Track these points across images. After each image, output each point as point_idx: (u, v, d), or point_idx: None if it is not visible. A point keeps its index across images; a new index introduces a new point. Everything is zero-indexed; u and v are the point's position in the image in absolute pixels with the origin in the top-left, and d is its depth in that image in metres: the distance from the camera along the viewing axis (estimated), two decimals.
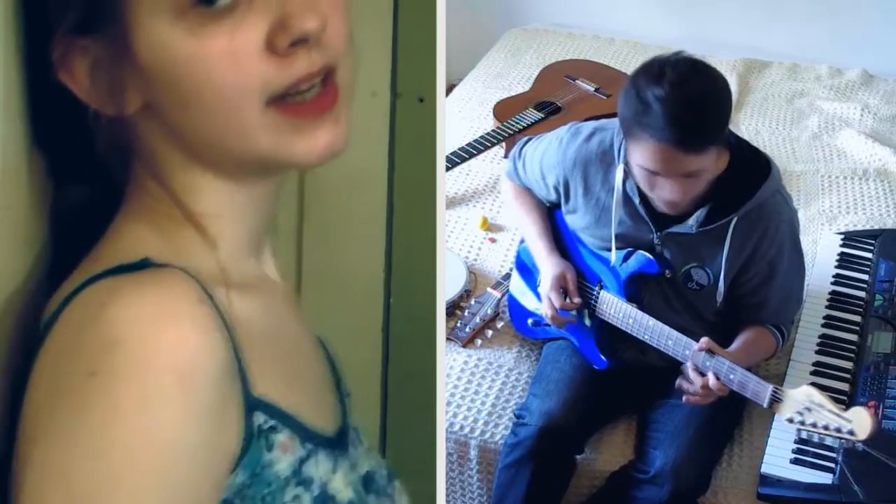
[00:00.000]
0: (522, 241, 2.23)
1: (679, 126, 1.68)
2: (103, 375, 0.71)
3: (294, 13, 0.76)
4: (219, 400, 0.75)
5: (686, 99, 1.69)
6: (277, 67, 0.77)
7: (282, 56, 0.77)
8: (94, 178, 0.86)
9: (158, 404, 0.71)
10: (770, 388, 1.74)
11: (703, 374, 1.82)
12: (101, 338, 0.72)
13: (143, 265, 0.78)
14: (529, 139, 2.19)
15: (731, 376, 1.79)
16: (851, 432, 1.62)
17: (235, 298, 0.82)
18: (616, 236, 1.97)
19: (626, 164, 1.86)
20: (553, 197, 2.10)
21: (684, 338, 1.87)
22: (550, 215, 2.16)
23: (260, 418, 0.80)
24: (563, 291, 2.04)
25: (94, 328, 0.72)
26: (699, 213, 1.87)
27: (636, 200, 1.91)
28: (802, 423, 1.69)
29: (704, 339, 1.83)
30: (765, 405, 1.75)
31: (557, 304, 2.03)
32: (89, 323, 0.73)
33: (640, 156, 1.76)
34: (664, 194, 1.79)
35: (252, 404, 0.80)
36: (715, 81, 1.75)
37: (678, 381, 1.87)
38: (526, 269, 2.22)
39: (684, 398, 1.86)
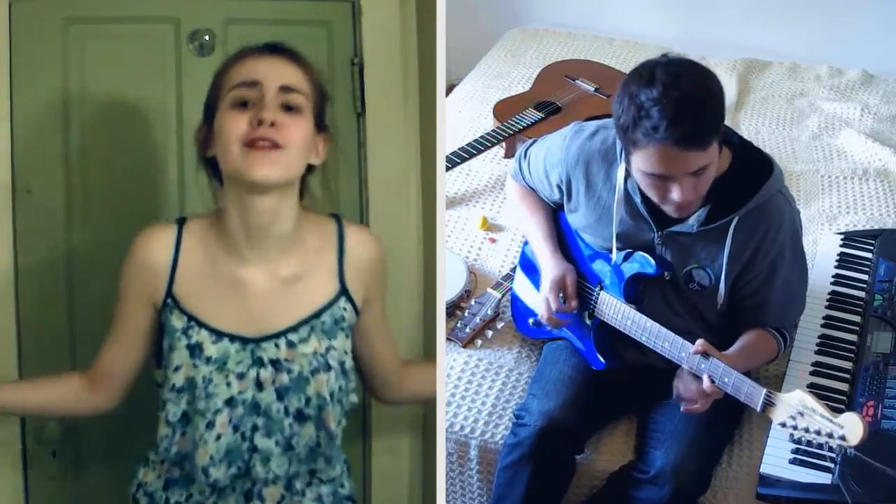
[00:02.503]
0: (527, 242, 2.23)
1: (679, 124, 1.68)
2: None
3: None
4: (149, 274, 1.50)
5: (681, 97, 1.69)
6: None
7: None
8: None
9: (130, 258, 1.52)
10: (763, 392, 1.74)
11: (697, 377, 1.82)
12: None
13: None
14: (535, 141, 2.20)
15: (726, 379, 1.79)
16: (843, 438, 1.63)
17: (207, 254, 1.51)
18: (617, 236, 1.97)
19: (629, 165, 1.85)
20: (556, 196, 2.10)
21: (680, 340, 1.87)
22: (554, 217, 2.16)
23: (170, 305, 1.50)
24: (562, 294, 2.04)
25: None
26: (700, 213, 1.87)
27: (637, 199, 1.91)
28: (795, 427, 1.69)
29: (700, 342, 1.83)
30: (758, 409, 1.75)
31: (553, 307, 2.03)
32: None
33: (645, 162, 1.75)
34: (675, 196, 1.78)
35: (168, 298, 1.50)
36: (705, 77, 1.75)
37: (675, 385, 1.88)
38: (530, 268, 2.22)
39: (682, 407, 1.87)
